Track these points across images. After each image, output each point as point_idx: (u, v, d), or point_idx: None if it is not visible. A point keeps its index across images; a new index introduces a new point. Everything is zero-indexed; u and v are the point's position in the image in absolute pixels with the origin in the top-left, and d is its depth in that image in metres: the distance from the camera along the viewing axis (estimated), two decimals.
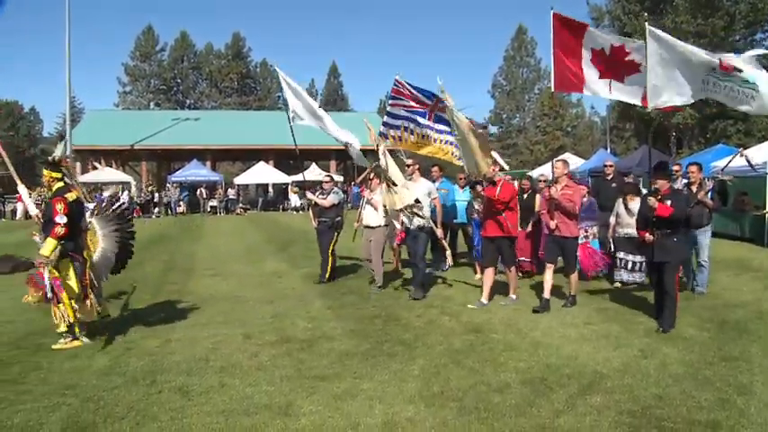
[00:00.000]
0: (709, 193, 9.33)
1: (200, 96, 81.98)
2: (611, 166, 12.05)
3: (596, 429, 4.55)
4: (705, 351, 6.50)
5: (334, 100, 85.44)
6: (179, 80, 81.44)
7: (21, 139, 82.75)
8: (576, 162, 30.42)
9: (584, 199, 10.55)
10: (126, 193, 38.31)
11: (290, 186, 38.60)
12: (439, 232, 9.76)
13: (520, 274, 10.44)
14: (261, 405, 5.11)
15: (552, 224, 8.68)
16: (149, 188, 40.44)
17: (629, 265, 10.25)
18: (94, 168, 42.36)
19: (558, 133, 72.49)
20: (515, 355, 6.43)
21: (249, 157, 55.60)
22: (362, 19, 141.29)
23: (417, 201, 9.32)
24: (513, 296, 9.16)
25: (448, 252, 10.10)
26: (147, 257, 14.98)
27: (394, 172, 9.28)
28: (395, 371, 5.96)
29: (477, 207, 10.70)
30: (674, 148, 45.11)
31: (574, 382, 5.57)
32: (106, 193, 28.22)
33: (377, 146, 9.52)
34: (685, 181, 9.84)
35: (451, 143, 10.34)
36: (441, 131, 10.55)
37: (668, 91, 8.51)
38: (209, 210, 38.92)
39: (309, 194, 11.33)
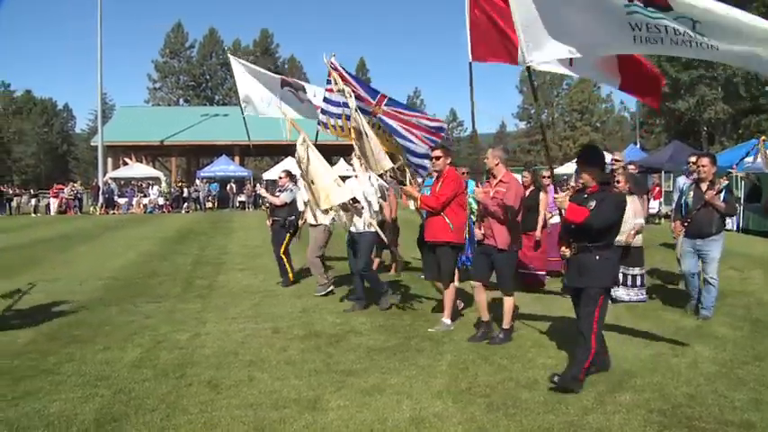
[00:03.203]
0: (722, 193, 7.69)
1: (228, 92, 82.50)
2: (618, 160, 10.15)
3: (626, 428, 4.50)
4: (738, 350, 6.39)
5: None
6: (208, 76, 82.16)
7: (54, 136, 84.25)
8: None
9: None
10: (156, 188, 38.81)
11: None
12: (385, 236, 8.87)
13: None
14: (289, 399, 5.14)
15: (478, 233, 7.04)
16: (179, 184, 40.89)
17: (626, 280, 8.66)
18: (125, 164, 42.95)
19: (587, 129, 71.88)
20: (544, 351, 6.39)
21: (278, 152, 55.89)
22: (390, 15, 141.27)
23: (355, 200, 8.29)
24: (447, 321, 7.48)
25: (398, 257, 9.72)
26: (176, 252, 15.12)
27: (318, 167, 8.26)
28: (423, 366, 5.95)
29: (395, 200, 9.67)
30: (706, 144, 44.43)
31: (603, 379, 5.52)
32: None
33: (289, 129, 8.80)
34: (691, 178, 8.49)
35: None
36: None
37: (558, 36, 5.45)
38: (237, 205, 39.21)
39: (262, 191, 11.00)
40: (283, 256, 10.46)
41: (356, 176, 8.45)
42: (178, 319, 8.08)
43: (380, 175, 8.58)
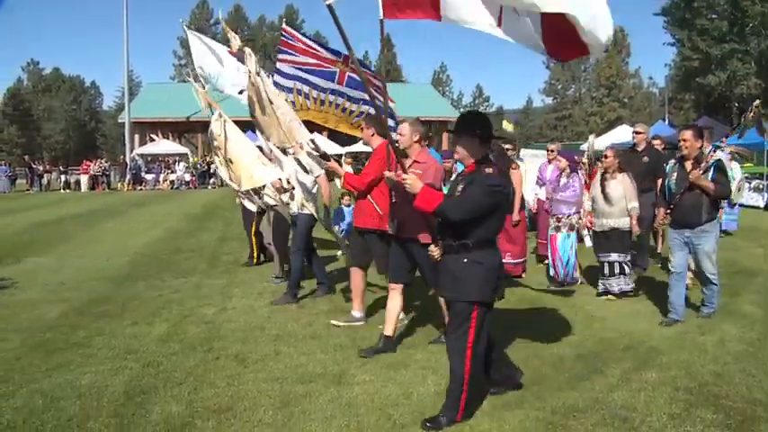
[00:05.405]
0: (711, 172, 6.24)
1: None
2: (640, 132, 9.32)
3: (651, 405, 4.48)
4: (766, 329, 6.30)
5: (388, 71, 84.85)
6: None
7: (82, 113, 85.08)
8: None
9: (568, 179, 8.41)
10: (182, 164, 39.10)
11: (343, 157, 38.58)
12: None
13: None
14: (315, 373, 5.19)
15: (389, 227, 5.72)
16: (205, 160, 41.14)
17: (609, 269, 7.67)
18: (152, 140, 43.25)
19: (615, 104, 70.89)
20: (569, 329, 6.35)
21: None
22: None
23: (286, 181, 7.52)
24: (357, 313, 6.66)
25: (344, 242, 8.80)
26: (202, 228, 15.30)
27: (237, 145, 7.52)
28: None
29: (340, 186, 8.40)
30: (737, 120, 43.62)
31: (628, 357, 5.50)
32: None
33: (206, 105, 8.06)
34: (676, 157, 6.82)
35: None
36: (356, 100, 7.99)
37: None
38: None
39: None
40: (254, 237, 10.13)
41: (293, 153, 7.50)
42: (204, 293, 8.17)
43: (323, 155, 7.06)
